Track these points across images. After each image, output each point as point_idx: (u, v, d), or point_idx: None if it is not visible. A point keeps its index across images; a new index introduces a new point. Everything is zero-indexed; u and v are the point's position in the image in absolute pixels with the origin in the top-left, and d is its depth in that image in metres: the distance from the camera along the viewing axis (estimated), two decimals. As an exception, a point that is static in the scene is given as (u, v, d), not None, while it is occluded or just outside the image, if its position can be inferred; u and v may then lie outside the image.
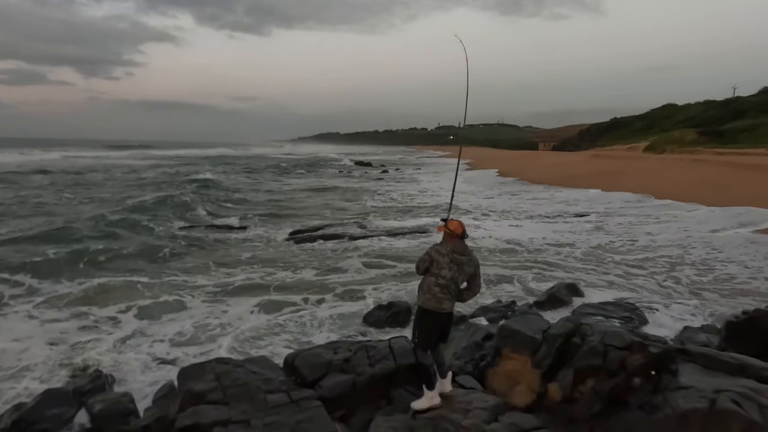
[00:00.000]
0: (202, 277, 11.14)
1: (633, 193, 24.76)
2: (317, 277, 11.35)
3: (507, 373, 5.11)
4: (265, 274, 11.48)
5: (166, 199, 22.01)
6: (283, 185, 35.05)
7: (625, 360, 4.22)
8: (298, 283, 10.88)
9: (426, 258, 4.47)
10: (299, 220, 18.77)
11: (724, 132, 54.15)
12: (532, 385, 4.71)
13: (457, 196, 19.97)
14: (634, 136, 71.73)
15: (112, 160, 59.78)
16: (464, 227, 4.53)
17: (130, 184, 32.34)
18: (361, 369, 4.93)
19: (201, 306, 9.37)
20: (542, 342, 4.97)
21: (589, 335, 4.65)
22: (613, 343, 4.36)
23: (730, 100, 73.47)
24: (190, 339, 7.84)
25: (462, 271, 4.43)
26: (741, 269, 11.45)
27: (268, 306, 9.43)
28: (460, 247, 4.46)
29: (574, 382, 4.32)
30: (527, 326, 5.30)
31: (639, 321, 8.74)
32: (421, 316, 4.50)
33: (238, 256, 13.10)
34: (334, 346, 5.45)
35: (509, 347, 5.20)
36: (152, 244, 14.04)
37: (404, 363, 5.04)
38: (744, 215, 16.97)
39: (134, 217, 17.46)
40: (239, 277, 11.21)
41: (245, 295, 10.06)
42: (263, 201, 25.25)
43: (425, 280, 4.50)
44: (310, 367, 5.05)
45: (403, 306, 8.96)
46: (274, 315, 9.00)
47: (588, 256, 13.22)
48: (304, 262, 12.51)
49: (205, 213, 20.11)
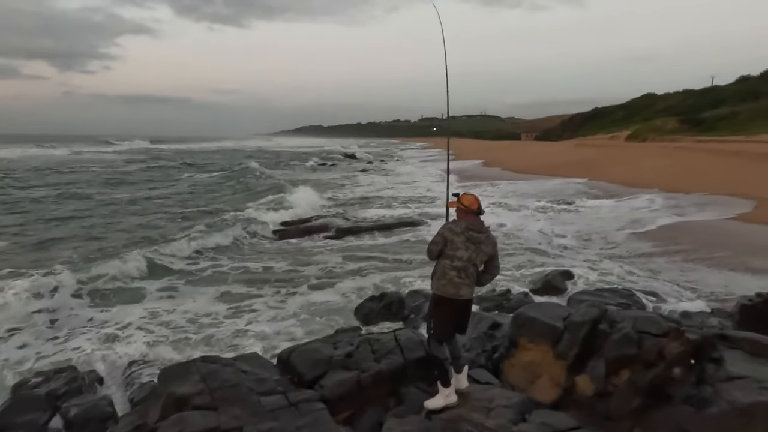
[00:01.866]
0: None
1: (622, 185, 24.40)
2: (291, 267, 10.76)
3: (525, 365, 4.66)
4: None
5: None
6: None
7: (663, 348, 3.78)
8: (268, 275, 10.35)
9: (438, 239, 3.96)
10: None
11: (704, 120, 54.75)
12: (556, 378, 4.26)
13: (439, 188, 19.06)
14: (615, 126, 72.21)
15: (124, 156, 53.47)
16: (480, 202, 4.03)
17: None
18: (365, 365, 4.42)
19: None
20: (564, 330, 4.53)
21: (618, 322, 4.21)
22: (648, 330, 3.92)
23: (709, 89, 74.36)
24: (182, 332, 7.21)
25: (480, 250, 3.93)
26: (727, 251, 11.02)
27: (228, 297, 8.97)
28: (477, 224, 3.95)
29: (607, 373, 3.87)
30: (545, 313, 4.85)
31: (637, 307, 8.40)
32: (437, 305, 3.99)
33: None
34: (334, 340, 4.92)
35: (526, 336, 4.75)
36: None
37: (413, 357, 4.55)
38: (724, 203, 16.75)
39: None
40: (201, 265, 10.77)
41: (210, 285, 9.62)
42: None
43: (439, 264, 3.99)
44: (309, 363, 4.51)
45: (395, 297, 8.52)
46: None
47: (577, 243, 12.90)
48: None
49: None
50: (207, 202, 20.29)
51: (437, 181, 29.36)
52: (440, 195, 22.91)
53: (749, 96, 58.17)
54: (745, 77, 74.42)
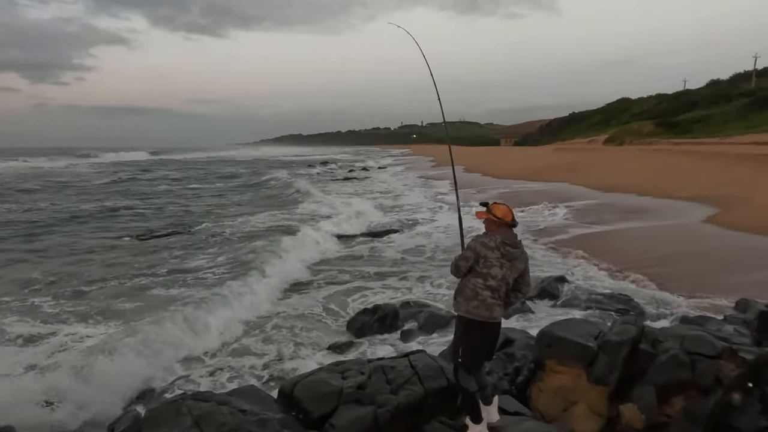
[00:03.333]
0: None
1: (602, 191, 24.15)
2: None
3: (555, 390, 4.21)
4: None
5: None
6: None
7: (720, 371, 3.37)
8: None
9: (469, 254, 3.48)
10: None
11: (679, 123, 55.78)
12: (595, 407, 3.82)
13: (423, 198, 18.53)
14: (592, 130, 73.16)
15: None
16: (513, 213, 3.58)
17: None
18: (381, 398, 3.90)
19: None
20: (598, 351, 4.10)
21: (661, 341, 3.79)
22: (700, 351, 3.51)
23: (681, 93, 76.01)
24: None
25: (514, 267, 3.48)
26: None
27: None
28: (512, 238, 3.50)
29: (658, 402, 3.44)
30: (574, 331, 4.41)
31: (636, 313, 8.10)
32: (467, 330, 3.51)
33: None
34: (342, 368, 4.38)
35: (555, 358, 4.30)
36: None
37: (433, 386, 4.04)
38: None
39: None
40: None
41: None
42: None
43: (467, 282, 3.51)
44: (316, 398, 3.98)
45: (389, 309, 8.14)
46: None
47: (565, 246, 12.59)
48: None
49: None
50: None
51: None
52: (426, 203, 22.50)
53: (721, 99, 59.60)
54: (715, 81, 76.48)
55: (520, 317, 7.92)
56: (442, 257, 11.87)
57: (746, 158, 25.85)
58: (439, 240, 13.86)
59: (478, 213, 3.64)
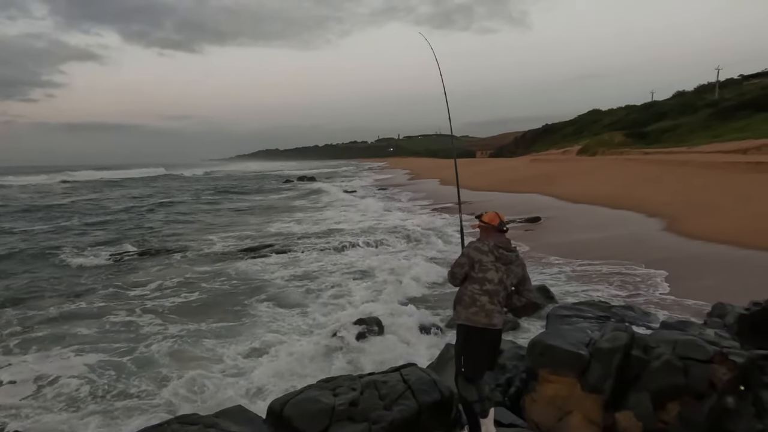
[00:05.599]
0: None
1: (588, 204, 24.33)
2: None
3: (549, 399, 4.18)
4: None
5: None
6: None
7: (713, 376, 3.39)
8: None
9: (464, 260, 3.46)
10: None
11: (648, 133, 57.44)
12: (590, 416, 3.79)
13: (395, 215, 18.41)
14: (566, 141, 74.80)
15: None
16: (501, 218, 3.57)
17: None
18: (375, 414, 3.80)
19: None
20: (590, 359, 4.09)
21: (653, 347, 3.80)
22: (693, 356, 3.53)
23: (649, 104, 78.46)
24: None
25: (510, 271, 3.47)
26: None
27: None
28: (505, 241, 3.50)
29: (654, 408, 3.43)
30: (565, 340, 4.40)
31: (617, 320, 8.19)
32: (467, 338, 3.47)
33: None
34: (332, 385, 4.27)
35: (548, 367, 4.27)
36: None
37: (427, 401, 3.97)
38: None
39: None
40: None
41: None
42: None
43: (465, 290, 3.49)
44: (308, 417, 3.86)
45: (373, 321, 8.07)
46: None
47: (547, 257, 12.71)
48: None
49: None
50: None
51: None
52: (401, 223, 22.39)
53: (687, 109, 61.69)
54: (680, 92, 79.23)
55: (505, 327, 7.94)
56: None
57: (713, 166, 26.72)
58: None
59: (474, 225, 3.66)
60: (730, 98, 58.28)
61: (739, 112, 50.67)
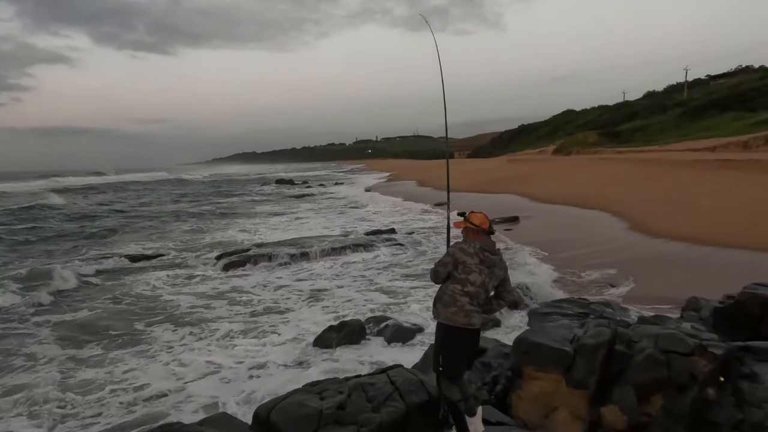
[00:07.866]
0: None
1: (541, 202, 24.43)
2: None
3: (536, 396, 4.21)
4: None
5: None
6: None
7: (694, 368, 3.47)
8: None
9: (448, 260, 3.47)
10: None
11: (620, 133, 58.80)
12: (577, 411, 3.84)
13: (376, 216, 18.20)
14: (541, 141, 75.99)
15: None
16: (490, 221, 3.59)
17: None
18: (363, 417, 3.78)
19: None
20: (575, 355, 4.14)
21: (636, 341, 3.87)
22: (674, 349, 3.60)
23: (621, 104, 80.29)
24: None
25: (493, 274, 3.48)
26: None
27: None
28: (490, 244, 3.51)
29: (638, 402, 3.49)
30: (549, 336, 4.44)
31: (596, 316, 8.33)
32: (446, 337, 3.48)
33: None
34: (319, 389, 4.23)
35: (533, 365, 4.31)
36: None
37: (415, 401, 3.96)
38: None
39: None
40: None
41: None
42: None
43: (446, 289, 3.50)
44: (294, 422, 3.81)
45: (355, 325, 8.22)
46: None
47: (523, 251, 12.87)
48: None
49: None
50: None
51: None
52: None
53: (657, 109, 63.36)
54: (651, 92, 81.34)
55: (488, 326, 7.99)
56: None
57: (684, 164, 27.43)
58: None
59: (456, 223, 3.66)
60: (698, 98, 60.08)
61: (707, 111, 52.27)
